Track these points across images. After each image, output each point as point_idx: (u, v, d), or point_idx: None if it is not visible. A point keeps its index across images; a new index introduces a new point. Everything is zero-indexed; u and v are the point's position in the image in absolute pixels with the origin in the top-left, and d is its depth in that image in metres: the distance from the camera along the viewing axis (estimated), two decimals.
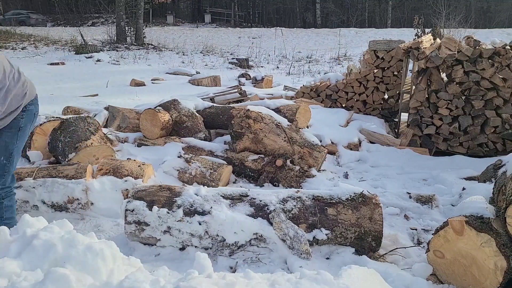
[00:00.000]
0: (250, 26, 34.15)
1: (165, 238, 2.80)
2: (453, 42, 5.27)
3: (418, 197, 3.70)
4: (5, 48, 17.01)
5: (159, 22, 33.03)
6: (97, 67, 13.19)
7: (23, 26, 26.20)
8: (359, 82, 6.06)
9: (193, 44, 20.24)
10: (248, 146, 4.38)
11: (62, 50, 17.16)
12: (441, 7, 17.93)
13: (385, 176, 4.45)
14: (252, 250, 2.75)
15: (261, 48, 18.18)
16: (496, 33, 20.00)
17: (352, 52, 17.86)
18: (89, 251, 1.97)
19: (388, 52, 5.80)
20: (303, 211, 2.81)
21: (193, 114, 4.95)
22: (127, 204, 2.85)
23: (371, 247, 2.80)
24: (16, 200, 3.22)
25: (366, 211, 2.79)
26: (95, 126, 4.34)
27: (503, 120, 4.80)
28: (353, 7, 34.81)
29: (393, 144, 5.15)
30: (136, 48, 18.59)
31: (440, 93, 4.94)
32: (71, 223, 2.61)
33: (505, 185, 2.77)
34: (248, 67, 14.25)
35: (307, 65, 14.83)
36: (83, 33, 18.00)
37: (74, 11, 31.84)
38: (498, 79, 4.72)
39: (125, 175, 3.48)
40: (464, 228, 2.36)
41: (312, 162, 4.23)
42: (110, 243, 2.37)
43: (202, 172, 3.95)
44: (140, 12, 19.72)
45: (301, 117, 5.05)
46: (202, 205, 2.82)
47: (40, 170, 3.41)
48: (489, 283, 2.32)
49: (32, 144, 4.19)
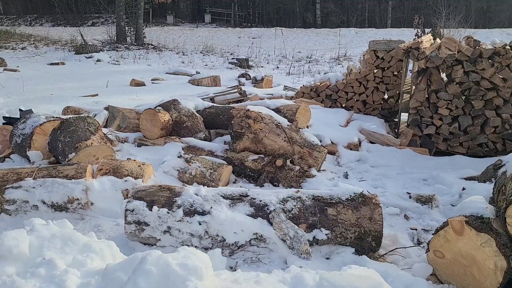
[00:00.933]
0: (250, 26, 34.14)
1: (165, 238, 2.80)
2: (453, 42, 5.26)
3: (418, 197, 3.70)
4: (5, 48, 17.02)
5: (159, 22, 33.02)
6: (97, 67, 13.20)
7: (22, 26, 26.16)
8: (359, 82, 6.06)
9: (193, 44, 20.24)
10: (248, 146, 4.38)
11: (62, 50, 17.17)
12: (441, 7, 17.93)
13: (385, 176, 4.45)
14: (252, 250, 2.75)
15: (261, 48, 18.18)
16: (496, 33, 20.01)
17: (352, 52, 17.86)
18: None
19: (388, 52, 5.80)
20: (303, 211, 2.81)
21: (193, 114, 4.95)
22: (127, 204, 2.85)
23: (371, 247, 2.80)
24: (16, 200, 3.23)
25: (366, 211, 2.79)
26: (95, 126, 4.34)
27: (503, 120, 4.80)
28: (353, 7, 34.78)
29: (393, 144, 5.15)
30: (136, 48, 18.59)
31: (440, 93, 4.94)
32: (71, 223, 2.62)
33: (505, 185, 2.77)
34: (248, 67, 14.25)
35: (307, 65, 14.82)
36: (83, 33, 18.01)
37: (74, 11, 31.84)
38: (498, 79, 4.72)
39: (125, 175, 3.48)
40: (464, 228, 2.36)
41: (312, 162, 4.23)
42: (110, 243, 2.39)
43: (202, 172, 3.95)
44: (140, 12, 19.73)
45: (301, 117, 5.05)
46: (202, 205, 2.82)
47: (40, 170, 3.41)
48: (489, 283, 2.32)
49: (32, 144, 4.19)
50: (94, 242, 2.32)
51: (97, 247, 2.28)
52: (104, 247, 2.30)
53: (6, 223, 3.15)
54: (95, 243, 2.31)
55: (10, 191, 3.25)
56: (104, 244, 2.35)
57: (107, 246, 2.33)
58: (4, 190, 3.25)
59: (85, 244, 2.28)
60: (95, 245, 2.28)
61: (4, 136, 4.63)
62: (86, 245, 2.27)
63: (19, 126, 4.41)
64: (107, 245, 2.34)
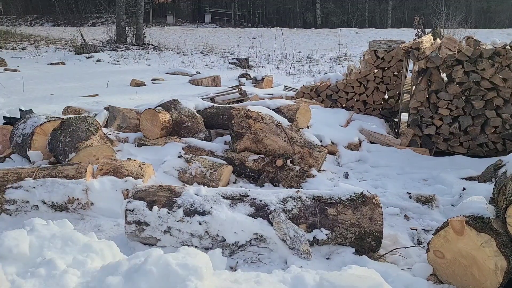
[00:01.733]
0: (250, 26, 34.15)
1: (165, 238, 2.80)
2: (453, 42, 5.26)
3: (418, 197, 3.70)
4: (5, 48, 17.03)
5: (159, 22, 33.04)
6: (97, 67, 13.20)
7: (23, 26, 26.18)
8: (359, 82, 6.06)
9: (193, 44, 20.25)
10: (248, 146, 4.38)
11: (62, 50, 17.17)
12: (441, 7, 17.94)
13: (385, 176, 4.45)
14: (252, 250, 2.75)
15: (261, 48, 18.20)
16: (496, 33, 20.01)
17: (352, 52, 17.86)
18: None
19: (388, 52, 5.80)
20: (303, 211, 2.81)
21: (193, 114, 4.95)
22: (127, 204, 2.85)
23: (371, 247, 2.80)
24: (16, 200, 3.23)
25: (366, 211, 2.79)
26: (95, 126, 4.34)
27: (503, 120, 4.80)
28: (353, 7, 34.78)
29: (393, 144, 5.15)
30: (136, 48, 18.60)
31: (440, 93, 4.94)
32: (71, 223, 2.62)
33: (505, 185, 2.77)
34: (248, 67, 14.25)
35: (307, 65, 14.83)
36: (83, 33, 18.02)
37: (74, 11, 31.86)
38: (498, 79, 4.72)
39: (125, 175, 3.48)
40: (464, 228, 2.36)
41: (312, 162, 4.23)
42: (110, 243, 2.39)
43: (202, 172, 3.95)
44: (140, 12, 19.75)
45: (301, 117, 5.05)
46: (202, 205, 2.82)
47: (40, 170, 3.41)
48: (489, 283, 2.32)
49: (32, 144, 4.19)
50: (94, 242, 2.32)
51: (97, 247, 2.28)
52: (104, 247, 2.31)
53: (7, 223, 3.15)
54: (95, 243, 2.32)
55: (10, 191, 3.25)
56: (104, 244, 2.35)
57: (107, 246, 2.34)
58: (4, 190, 3.25)
59: (85, 244, 2.28)
60: (95, 245, 2.28)
61: (4, 136, 4.63)
62: (86, 245, 2.27)
63: (20, 126, 4.41)
64: (107, 245, 2.35)
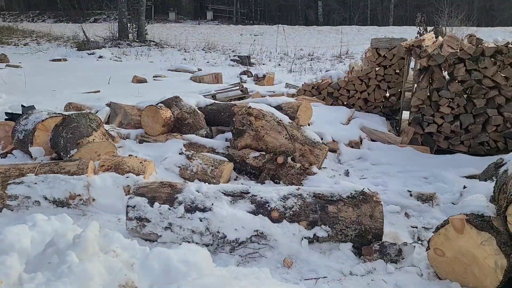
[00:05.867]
0: (252, 23, 34.11)
1: (166, 234, 2.81)
2: (455, 40, 5.25)
3: (419, 195, 3.70)
4: (8, 44, 17.04)
5: (161, 19, 33.03)
6: (99, 64, 13.21)
7: (25, 22, 26.19)
8: (360, 80, 6.05)
9: (195, 41, 20.24)
10: (249, 143, 4.39)
11: (64, 46, 17.19)
12: (444, 5, 17.88)
13: (386, 174, 4.45)
14: (253, 246, 2.76)
15: (263, 45, 18.18)
16: (499, 32, 19.96)
17: (354, 50, 17.83)
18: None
19: (390, 50, 5.79)
20: (303, 209, 2.82)
21: (194, 111, 4.95)
22: (128, 200, 2.86)
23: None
24: (18, 196, 3.24)
25: (366, 208, 2.80)
26: (97, 122, 4.35)
27: (505, 118, 4.79)
28: (355, 5, 34.71)
29: (394, 142, 5.15)
30: (138, 44, 18.60)
31: (442, 91, 4.93)
32: (73, 219, 2.62)
33: (506, 184, 2.77)
34: (249, 64, 14.24)
35: (309, 63, 14.81)
36: (85, 29, 18.03)
37: (76, 7, 31.83)
38: (500, 78, 4.71)
39: (127, 172, 3.49)
40: (464, 226, 2.37)
41: (313, 159, 4.23)
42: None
43: (203, 169, 3.96)
44: (142, 8, 19.75)
45: (303, 114, 5.05)
46: (203, 201, 2.83)
47: (42, 166, 3.42)
48: (490, 281, 2.32)
49: (34, 140, 4.20)
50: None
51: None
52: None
53: (9, 219, 3.16)
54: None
55: (12, 187, 3.26)
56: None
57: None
58: (6, 185, 3.27)
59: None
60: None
61: (6, 132, 4.64)
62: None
63: (21, 122, 4.42)
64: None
